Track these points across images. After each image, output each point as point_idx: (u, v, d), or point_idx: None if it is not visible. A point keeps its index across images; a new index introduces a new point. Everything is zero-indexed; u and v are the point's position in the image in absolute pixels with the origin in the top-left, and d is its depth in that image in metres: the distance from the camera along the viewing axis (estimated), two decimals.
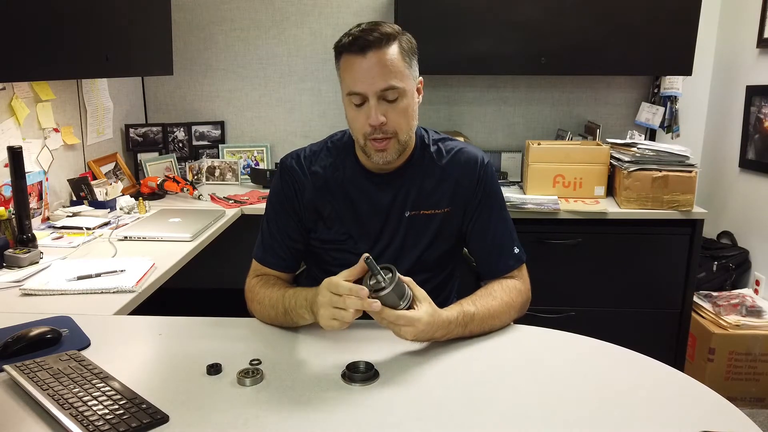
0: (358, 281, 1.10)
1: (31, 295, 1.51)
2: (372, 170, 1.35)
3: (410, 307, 1.12)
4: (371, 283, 1.09)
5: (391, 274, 1.09)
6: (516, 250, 1.38)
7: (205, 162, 3.06)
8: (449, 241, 1.40)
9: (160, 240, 2.00)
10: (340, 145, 1.40)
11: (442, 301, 1.47)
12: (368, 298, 1.06)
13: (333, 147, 1.40)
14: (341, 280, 1.09)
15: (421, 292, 1.14)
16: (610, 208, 2.48)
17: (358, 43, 1.20)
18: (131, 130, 2.99)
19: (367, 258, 1.07)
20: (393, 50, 1.22)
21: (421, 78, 1.30)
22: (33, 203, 2.06)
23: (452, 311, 1.18)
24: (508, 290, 1.31)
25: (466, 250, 1.50)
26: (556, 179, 2.61)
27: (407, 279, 1.14)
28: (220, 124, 3.18)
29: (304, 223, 1.38)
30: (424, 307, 1.12)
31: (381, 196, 1.36)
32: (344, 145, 1.39)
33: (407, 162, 1.36)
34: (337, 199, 1.36)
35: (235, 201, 2.60)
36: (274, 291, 1.29)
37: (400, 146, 1.28)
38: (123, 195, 2.50)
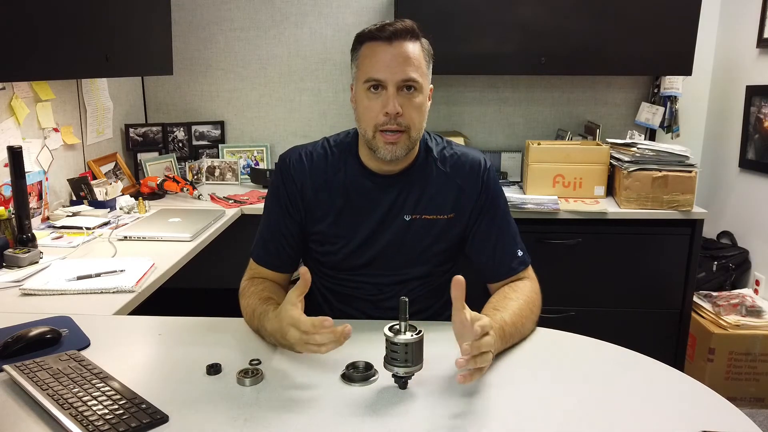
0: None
1: (30, 295, 1.51)
2: (374, 171, 1.33)
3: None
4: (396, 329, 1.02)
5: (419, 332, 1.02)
6: (520, 253, 1.36)
7: (205, 162, 3.06)
8: (450, 246, 1.39)
9: (160, 240, 2.00)
10: (342, 145, 1.37)
11: (439, 307, 1.46)
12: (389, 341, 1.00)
13: (335, 146, 1.37)
14: (299, 315, 1.03)
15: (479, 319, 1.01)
16: (610, 208, 2.48)
17: (385, 31, 1.21)
18: (131, 130, 2.99)
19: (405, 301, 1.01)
20: (417, 47, 1.23)
21: (431, 86, 1.30)
22: (33, 203, 2.06)
23: None
24: (520, 290, 1.29)
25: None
26: (556, 179, 2.61)
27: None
28: (220, 124, 3.18)
29: (303, 222, 1.36)
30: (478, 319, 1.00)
31: (381, 197, 1.33)
32: (346, 145, 1.37)
33: (411, 165, 1.34)
34: (337, 198, 1.34)
35: (235, 201, 2.60)
36: (251, 301, 1.25)
37: (411, 143, 1.26)
38: (123, 195, 2.50)
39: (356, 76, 1.27)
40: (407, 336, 1.01)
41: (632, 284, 2.53)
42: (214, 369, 1.07)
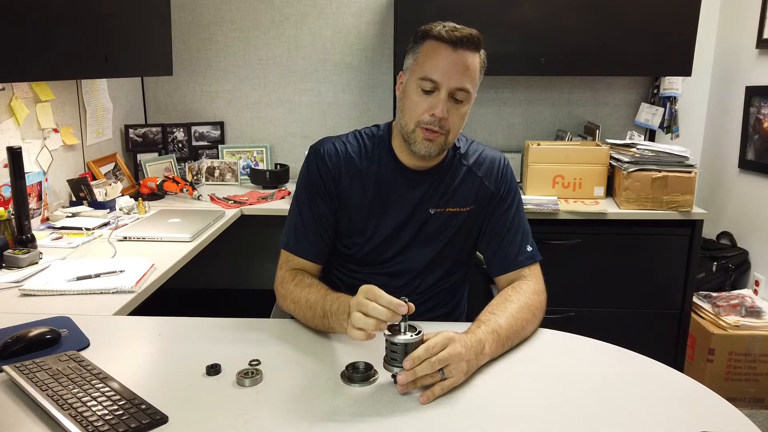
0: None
1: (30, 295, 1.51)
2: (406, 166, 1.36)
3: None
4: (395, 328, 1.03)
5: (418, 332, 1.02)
6: (529, 249, 1.38)
7: (205, 162, 3.06)
8: (468, 240, 1.42)
9: (160, 240, 2.00)
10: (375, 138, 1.40)
11: (453, 306, 1.49)
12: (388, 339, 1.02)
13: (368, 139, 1.40)
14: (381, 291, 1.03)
15: (435, 336, 1.04)
16: (609, 208, 2.48)
17: (454, 35, 1.23)
18: (131, 131, 2.99)
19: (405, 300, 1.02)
20: (476, 58, 1.27)
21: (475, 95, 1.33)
22: (32, 204, 2.06)
23: (476, 328, 1.12)
24: (523, 292, 1.28)
25: (478, 253, 1.49)
26: (555, 180, 2.61)
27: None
28: (220, 125, 3.18)
29: (336, 211, 1.38)
30: (449, 338, 1.03)
31: (411, 192, 1.37)
32: (380, 139, 1.39)
33: (440, 162, 1.38)
34: (369, 191, 1.36)
35: (235, 201, 2.60)
36: (313, 292, 1.26)
37: (446, 145, 1.31)
38: (122, 195, 2.49)
39: (411, 68, 1.29)
40: (407, 336, 1.01)
41: (632, 284, 2.53)
42: (213, 369, 1.07)
